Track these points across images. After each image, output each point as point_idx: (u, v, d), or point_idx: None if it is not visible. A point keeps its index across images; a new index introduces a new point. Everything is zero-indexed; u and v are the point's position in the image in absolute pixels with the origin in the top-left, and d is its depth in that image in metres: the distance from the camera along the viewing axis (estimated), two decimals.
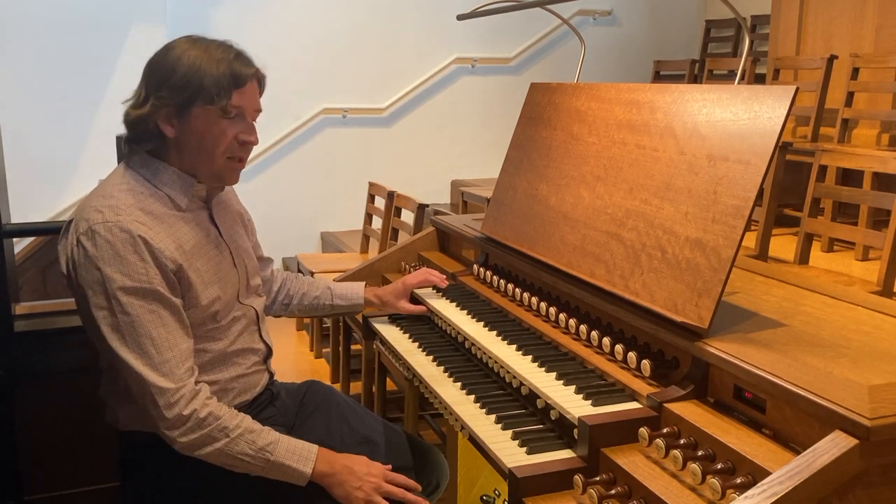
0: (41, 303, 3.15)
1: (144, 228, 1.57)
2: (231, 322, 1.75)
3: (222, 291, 1.71)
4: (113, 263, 1.54)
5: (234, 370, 1.75)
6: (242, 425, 1.58)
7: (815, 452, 1.16)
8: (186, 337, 1.61)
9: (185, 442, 1.55)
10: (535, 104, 2.40)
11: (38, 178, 4.99)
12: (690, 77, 5.79)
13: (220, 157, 1.67)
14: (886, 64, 4.13)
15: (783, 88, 1.55)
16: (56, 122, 5.13)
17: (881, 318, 1.66)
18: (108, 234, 1.54)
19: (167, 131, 1.64)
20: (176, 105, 1.62)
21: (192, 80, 1.61)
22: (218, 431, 1.56)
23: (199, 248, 1.69)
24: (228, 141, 1.66)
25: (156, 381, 1.54)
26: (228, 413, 1.59)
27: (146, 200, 1.63)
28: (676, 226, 1.67)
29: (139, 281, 1.55)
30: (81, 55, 5.14)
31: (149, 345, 1.55)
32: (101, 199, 1.61)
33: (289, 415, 1.91)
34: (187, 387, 1.56)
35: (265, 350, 1.86)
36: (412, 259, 2.93)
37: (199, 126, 1.64)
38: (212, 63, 1.62)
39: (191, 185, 1.70)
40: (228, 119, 1.64)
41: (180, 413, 1.54)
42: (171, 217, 1.65)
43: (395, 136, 6.30)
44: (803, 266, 3.18)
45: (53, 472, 2.55)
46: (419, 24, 6.20)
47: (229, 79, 1.62)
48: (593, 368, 1.70)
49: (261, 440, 1.58)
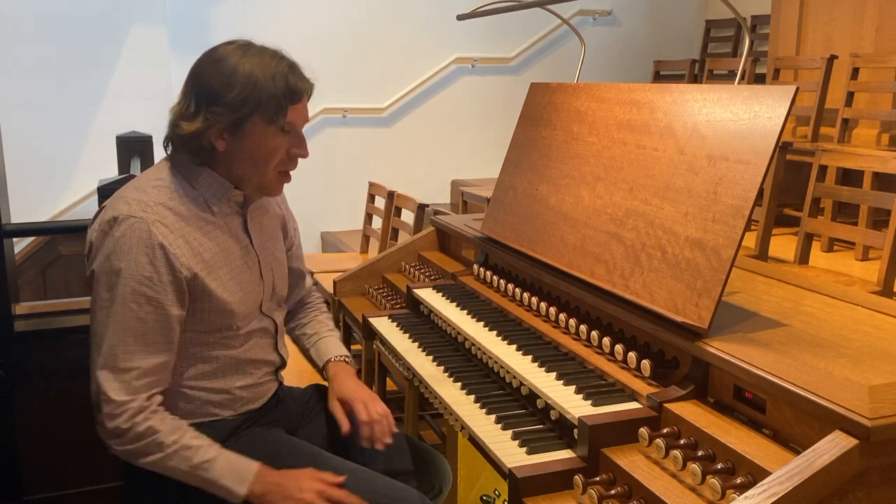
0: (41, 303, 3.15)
1: (165, 231, 1.57)
2: (248, 332, 1.74)
3: (243, 300, 1.70)
4: (124, 259, 1.54)
5: (245, 379, 1.74)
6: (180, 441, 1.56)
7: (815, 452, 1.16)
8: (164, 352, 1.59)
9: (120, 451, 1.56)
10: (535, 104, 2.40)
11: (38, 178, 4.99)
12: (690, 77, 5.79)
13: (271, 172, 1.66)
14: (886, 64, 4.13)
15: (783, 88, 1.55)
16: (56, 122, 5.13)
17: (881, 318, 1.66)
18: (129, 228, 1.55)
19: (219, 145, 1.61)
20: (230, 121, 1.59)
21: (249, 97, 1.57)
22: (154, 446, 1.55)
23: (224, 255, 1.67)
24: (282, 156, 1.65)
25: (108, 388, 1.54)
26: (169, 427, 1.57)
27: (178, 200, 1.62)
28: (676, 226, 1.67)
29: (142, 283, 1.55)
30: (81, 55, 5.14)
31: (120, 350, 1.54)
32: (134, 191, 1.62)
33: (293, 418, 1.90)
34: (136, 402, 1.55)
35: (279, 362, 1.84)
36: (412, 259, 2.93)
37: (253, 141, 1.61)
38: (268, 78, 1.58)
39: (227, 189, 1.68)
40: (282, 133, 1.63)
41: (119, 426, 1.54)
42: (199, 220, 1.64)
43: (395, 136, 6.30)
44: (803, 266, 3.18)
45: (53, 472, 2.55)
46: (419, 24, 6.19)
47: (285, 94, 1.60)
48: (593, 368, 1.70)
49: (197, 457, 1.56)
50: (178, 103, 1.63)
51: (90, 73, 5.16)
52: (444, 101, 6.38)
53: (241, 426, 1.74)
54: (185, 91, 1.63)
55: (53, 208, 5.15)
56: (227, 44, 1.65)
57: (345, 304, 2.92)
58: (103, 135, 4.51)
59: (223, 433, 1.71)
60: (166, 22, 5.35)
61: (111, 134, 3.46)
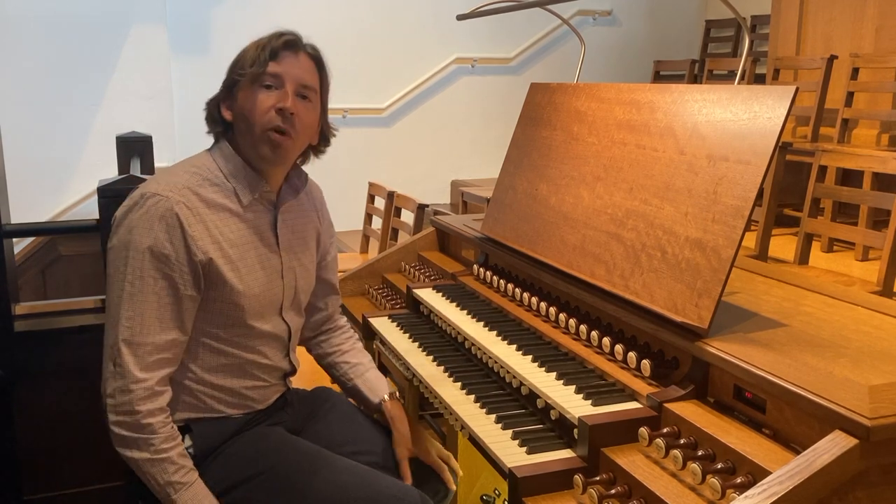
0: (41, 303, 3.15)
1: (187, 213, 1.59)
2: (263, 333, 1.74)
3: (258, 297, 1.70)
4: (145, 234, 1.56)
5: (253, 381, 1.75)
6: (169, 452, 1.57)
7: (815, 452, 1.16)
8: (177, 329, 1.60)
9: (116, 433, 1.56)
10: (535, 104, 2.40)
11: (38, 178, 4.99)
12: (690, 77, 5.79)
13: (258, 128, 1.64)
14: (886, 64, 4.13)
15: (783, 88, 1.55)
16: (56, 122, 5.13)
17: (881, 318, 1.66)
18: (154, 205, 1.57)
19: (226, 115, 1.69)
20: (227, 86, 1.68)
21: (238, 61, 1.68)
22: (146, 444, 1.56)
23: (243, 248, 1.68)
24: (264, 110, 1.64)
25: (126, 361, 1.55)
26: (165, 436, 1.57)
27: (207, 188, 1.65)
28: (676, 226, 1.67)
29: (160, 259, 1.56)
30: (81, 55, 5.14)
31: (137, 323, 1.56)
32: (167, 173, 1.67)
33: (298, 420, 1.90)
34: (148, 382, 1.56)
35: (289, 369, 1.85)
36: (412, 259, 2.93)
37: (241, 100, 1.67)
38: (256, 42, 1.69)
39: (258, 183, 1.70)
40: (263, 87, 1.65)
41: (129, 403, 1.54)
42: (224, 210, 1.66)
43: (395, 136, 6.30)
44: (803, 266, 3.18)
45: (53, 472, 2.55)
46: (419, 24, 6.20)
47: (266, 52, 1.66)
48: (593, 368, 1.70)
49: (175, 476, 1.57)
50: None
51: (90, 73, 5.16)
52: (444, 101, 6.38)
53: (245, 426, 1.74)
54: None
55: (53, 208, 5.15)
56: None
57: (345, 305, 2.92)
58: (103, 135, 4.52)
59: (228, 431, 1.71)
60: (166, 22, 5.35)
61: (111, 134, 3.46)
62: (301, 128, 1.69)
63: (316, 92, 1.73)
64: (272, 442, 1.73)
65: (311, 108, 1.72)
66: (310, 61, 1.72)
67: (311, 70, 1.72)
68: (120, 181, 2.48)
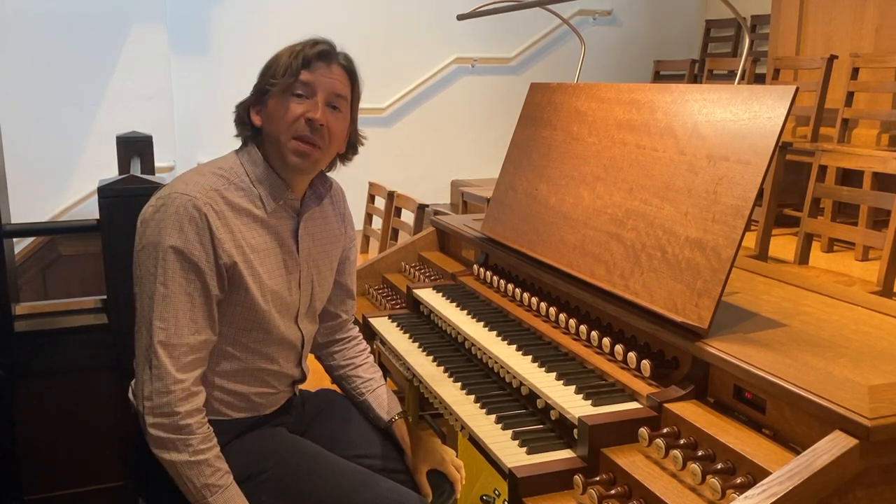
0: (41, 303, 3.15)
1: (213, 216, 1.59)
2: (279, 340, 1.73)
3: (276, 303, 1.70)
4: (173, 233, 1.55)
5: (263, 388, 1.74)
6: (207, 454, 1.57)
7: (815, 452, 1.16)
8: (208, 329, 1.60)
9: (153, 435, 1.55)
10: (535, 104, 2.40)
11: (38, 178, 4.99)
12: (690, 77, 5.79)
13: (285, 137, 1.65)
14: (886, 64, 4.13)
15: (783, 88, 1.55)
16: (56, 122, 5.12)
17: (881, 318, 1.66)
18: (183, 206, 1.57)
19: (255, 120, 1.69)
20: (258, 92, 1.67)
21: (270, 67, 1.67)
22: (184, 445, 1.55)
23: (264, 254, 1.68)
24: (293, 118, 1.65)
25: (165, 362, 1.54)
26: (203, 436, 1.57)
27: (233, 192, 1.65)
28: (676, 226, 1.67)
29: (191, 260, 1.56)
30: (81, 55, 5.14)
31: (171, 325, 1.55)
32: (194, 174, 1.66)
33: (303, 421, 1.90)
34: (185, 383, 1.55)
35: (300, 377, 1.84)
36: (412, 259, 2.93)
37: (272, 107, 1.66)
38: (289, 49, 1.68)
39: (283, 189, 1.70)
40: (294, 96, 1.65)
41: (169, 405, 1.54)
42: (248, 215, 1.66)
43: (395, 136, 6.29)
44: (803, 266, 3.18)
45: (53, 472, 2.55)
46: (419, 24, 6.19)
47: (299, 60, 1.66)
48: (593, 368, 1.70)
49: (212, 478, 1.56)
50: None
51: (90, 73, 5.16)
52: (444, 101, 6.38)
53: (249, 427, 1.74)
54: None
55: (53, 208, 5.15)
56: None
57: None
58: (103, 135, 4.52)
59: (232, 432, 1.70)
60: (166, 22, 5.34)
61: (111, 134, 3.46)
62: (330, 138, 1.70)
63: (347, 101, 1.74)
64: (273, 443, 1.73)
65: (341, 117, 1.73)
66: (342, 71, 1.73)
67: (343, 80, 1.74)
68: (120, 181, 2.48)
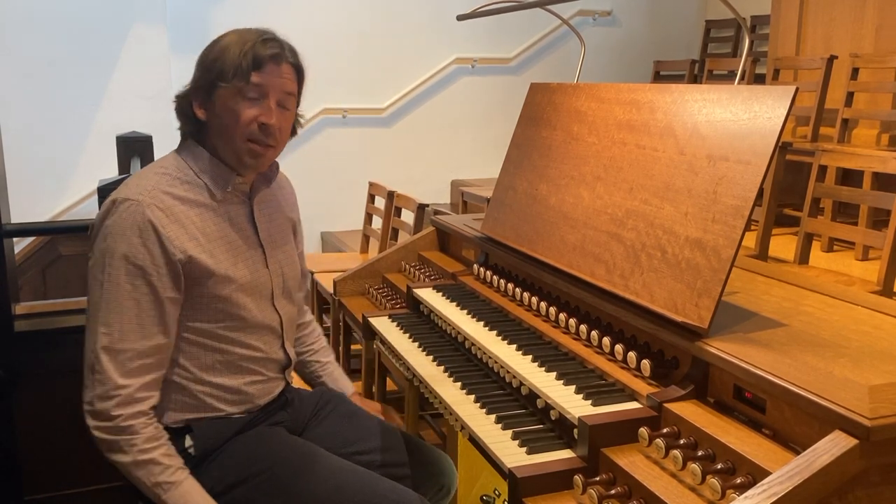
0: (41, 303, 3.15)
1: (160, 215, 1.59)
2: (257, 326, 1.74)
3: (247, 288, 1.71)
4: (118, 240, 1.56)
5: (252, 377, 1.75)
6: (152, 453, 1.57)
7: (815, 452, 1.16)
8: (159, 335, 1.60)
9: (98, 437, 1.57)
10: (535, 104, 2.40)
11: (38, 178, 4.99)
12: (690, 77, 5.79)
13: (239, 139, 1.66)
14: (886, 64, 4.13)
15: (783, 88, 1.55)
16: (56, 122, 5.12)
17: (881, 318, 1.66)
18: (125, 210, 1.58)
19: (199, 114, 1.68)
20: (204, 87, 1.66)
21: (216, 62, 1.66)
22: (128, 446, 1.55)
23: (224, 241, 1.69)
24: (246, 122, 1.66)
25: (106, 368, 1.55)
26: (148, 436, 1.57)
27: (179, 186, 1.65)
28: (676, 226, 1.67)
29: (135, 264, 1.56)
30: (81, 55, 5.14)
31: (115, 330, 1.56)
32: (136, 178, 1.66)
33: (300, 420, 1.90)
34: (129, 389, 1.56)
35: (285, 360, 1.84)
36: (412, 259, 2.93)
37: (221, 107, 1.66)
38: (237, 45, 1.66)
39: (230, 176, 1.71)
40: (247, 100, 1.65)
41: (108, 410, 1.55)
42: (198, 206, 1.66)
43: (395, 136, 6.30)
44: (803, 266, 3.18)
45: (53, 472, 2.55)
46: (419, 24, 6.19)
47: (249, 60, 1.65)
48: (593, 368, 1.70)
49: (161, 476, 1.56)
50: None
51: (90, 73, 5.16)
52: (444, 101, 6.38)
53: (246, 426, 1.74)
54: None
55: (53, 208, 5.15)
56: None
57: (345, 304, 2.92)
58: (103, 135, 4.51)
59: (229, 431, 1.71)
60: (166, 22, 5.34)
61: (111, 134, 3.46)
62: (281, 135, 1.73)
63: (294, 96, 1.76)
64: (271, 443, 1.73)
65: (290, 114, 1.76)
66: (291, 69, 1.74)
67: (292, 77, 1.74)
68: (120, 181, 2.48)
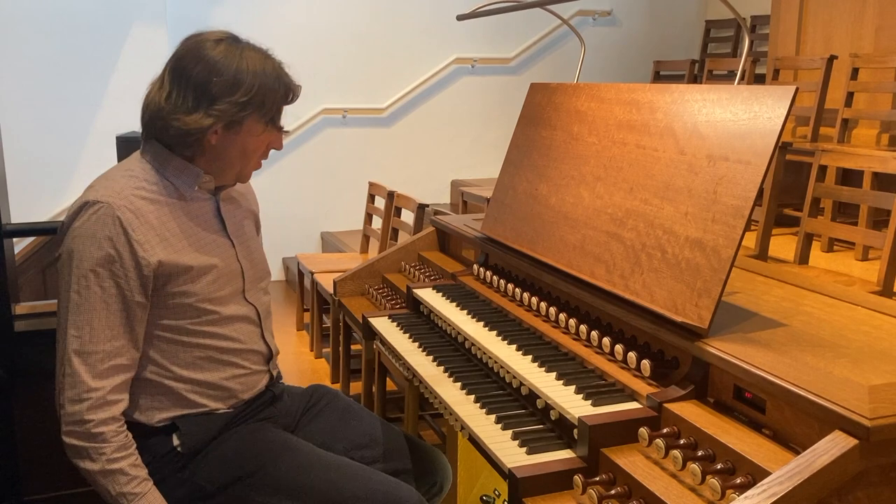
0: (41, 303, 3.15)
1: (130, 217, 1.58)
2: (231, 317, 1.74)
3: (219, 281, 1.71)
4: (88, 242, 1.56)
5: (233, 370, 1.74)
6: (121, 463, 1.56)
7: (815, 452, 1.16)
8: (126, 335, 1.59)
9: (67, 442, 1.56)
10: (535, 104, 2.40)
11: (38, 178, 4.99)
12: (690, 77, 5.79)
13: (255, 164, 1.75)
14: (886, 64, 4.13)
15: (783, 88, 1.55)
16: (56, 122, 5.13)
17: (881, 318, 1.66)
18: (94, 213, 1.57)
19: (212, 139, 1.65)
20: (232, 119, 1.63)
21: (254, 97, 1.63)
22: (97, 454, 1.55)
23: (194, 238, 1.69)
24: (266, 148, 1.74)
25: (77, 370, 1.54)
26: (118, 445, 1.56)
27: (147, 187, 1.65)
28: (676, 226, 1.67)
29: (104, 266, 1.56)
30: (81, 55, 5.14)
31: (85, 332, 1.56)
32: (103, 180, 1.66)
33: (291, 417, 1.90)
34: (101, 391, 1.55)
35: (266, 352, 1.84)
36: (412, 259, 2.93)
37: (247, 137, 1.67)
38: (270, 78, 1.65)
39: (197, 175, 1.71)
40: (274, 130, 1.71)
41: (80, 412, 1.54)
42: (167, 205, 1.66)
43: (395, 136, 6.30)
44: (803, 266, 3.18)
45: (53, 472, 2.54)
46: (419, 24, 6.20)
47: (283, 94, 1.68)
48: (593, 368, 1.70)
49: (128, 487, 1.56)
50: (168, 95, 1.63)
51: (90, 73, 5.16)
52: (443, 101, 6.38)
53: (233, 421, 1.74)
54: (176, 83, 1.63)
55: (53, 208, 5.15)
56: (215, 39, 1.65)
57: (345, 304, 2.92)
58: (103, 135, 4.51)
59: (216, 427, 1.70)
60: (166, 22, 5.35)
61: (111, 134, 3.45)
62: None
63: None
64: (265, 440, 1.73)
65: None
66: None
67: None
68: None
